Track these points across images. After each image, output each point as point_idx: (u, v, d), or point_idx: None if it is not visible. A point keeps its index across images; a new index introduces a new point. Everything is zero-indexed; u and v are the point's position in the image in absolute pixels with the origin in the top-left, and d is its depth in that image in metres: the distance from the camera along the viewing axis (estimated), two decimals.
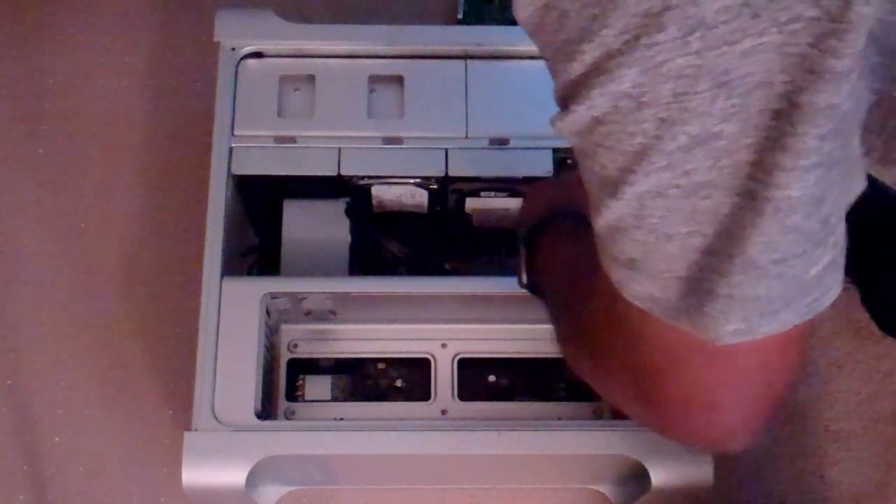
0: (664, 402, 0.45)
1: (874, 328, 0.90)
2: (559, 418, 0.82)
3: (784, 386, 0.45)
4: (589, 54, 0.36)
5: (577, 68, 0.37)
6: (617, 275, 0.43)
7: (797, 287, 0.40)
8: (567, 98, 0.39)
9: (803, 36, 0.33)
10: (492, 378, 0.85)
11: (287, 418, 0.82)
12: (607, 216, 0.41)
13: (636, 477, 0.75)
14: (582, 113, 0.38)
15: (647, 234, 0.40)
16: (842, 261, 0.41)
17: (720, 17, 0.33)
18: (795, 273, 0.39)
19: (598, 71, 0.36)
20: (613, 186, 0.39)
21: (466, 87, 0.81)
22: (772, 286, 0.39)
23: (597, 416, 0.83)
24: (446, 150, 0.80)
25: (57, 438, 0.89)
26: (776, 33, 0.33)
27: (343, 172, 0.80)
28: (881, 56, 0.37)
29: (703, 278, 0.40)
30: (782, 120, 0.35)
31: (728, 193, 0.37)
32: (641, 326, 0.43)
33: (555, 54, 0.38)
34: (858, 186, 0.41)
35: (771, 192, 0.37)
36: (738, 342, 0.40)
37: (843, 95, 0.35)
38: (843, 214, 0.40)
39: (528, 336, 0.84)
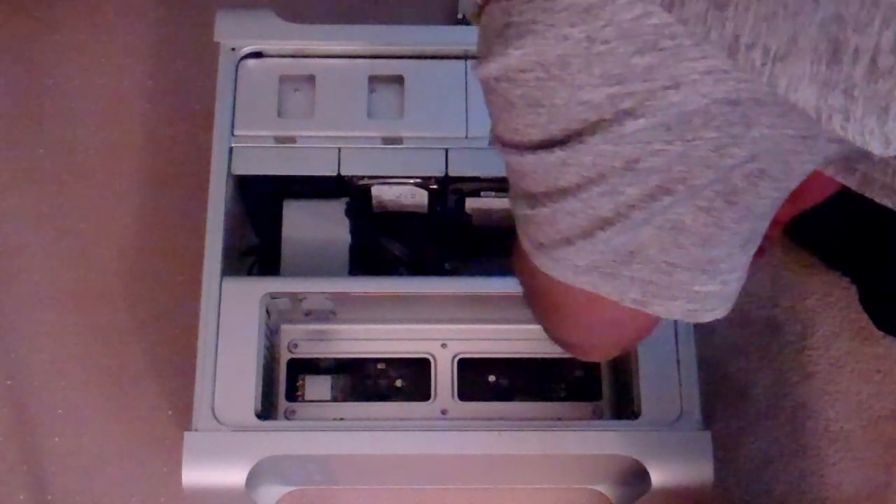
0: (551, 323, 0.61)
1: (874, 328, 0.90)
2: (559, 418, 0.82)
3: (631, 342, 0.62)
4: (535, 137, 0.45)
5: (519, 138, 0.46)
6: (527, 246, 0.52)
7: (683, 291, 0.50)
8: (505, 142, 0.48)
9: (703, 146, 0.43)
10: (492, 378, 0.85)
11: (287, 418, 0.82)
12: (522, 210, 0.50)
13: (636, 477, 0.75)
14: (517, 158, 0.47)
15: (555, 234, 0.49)
16: (729, 298, 0.52)
17: (637, 132, 0.42)
18: (682, 280, 0.49)
19: (538, 146, 0.45)
20: (533, 200, 0.49)
21: (466, 87, 0.81)
22: (662, 278, 0.49)
23: (597, 416, 0.83)
24: (446, 150, 0.80)
25: (57, 438, 0.89)
26: (680, 144, 0.43)
27: (343, 172, 0.80)
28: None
29: (605, 265, 0.49)
30: (674, 195, 0.45)
31: (621, 229, 0.47)
32: (543, 282, 0.54)
33: (498, 121, 0.48)
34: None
35: (666, 220, 0.47)
36: (632, 308, 0.51)
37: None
38: (737, 268, 0.50)
39: (528, 336, 0.84)
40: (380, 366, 0.85)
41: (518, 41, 0.43)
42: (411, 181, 0.81)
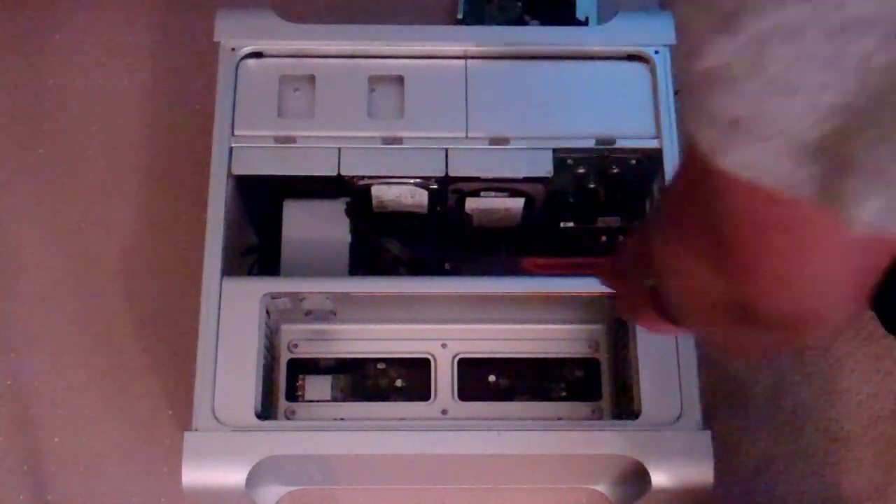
0: (749, 277, 0.39)
1: (874, 328, 0.90)
2: (559, 418, 0.82)
3: (874, 280, 0.39)
4: None
5: None
6: (711, 137, 0.33)
7: None
8: None
9: None
10: (492, 378, 0.85)
11: (287, 418, 0.82)
12: (709, 59, 0.31)
13: (636, 477, 0.75)
14: None
15: (764, 87, 0.31)
16: None
17: None
18: None
19: None
20: (725, 19, 0.30)
21: (466, 87, 0.81)
22: None
23: (597, 416, 0.83)
24: (446, 150, 0.80)
25: (57, 438, 0.89)
26: None
27: (343, 172, 0.80)
28: None
29: (839, 143, 0.31)
30: None
31: (892, 34, 0.29)
32: (731, 199, 0.36)
33: None
34: None
35: None
36: (867, 233, 0.32)
37: None
38: None
39: (528, 336, 0.84)
40: (380, 366, 0.85)
41: None
42: (411, 181, 0.81)
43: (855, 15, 0.28)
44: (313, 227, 0.83)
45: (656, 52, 0.82)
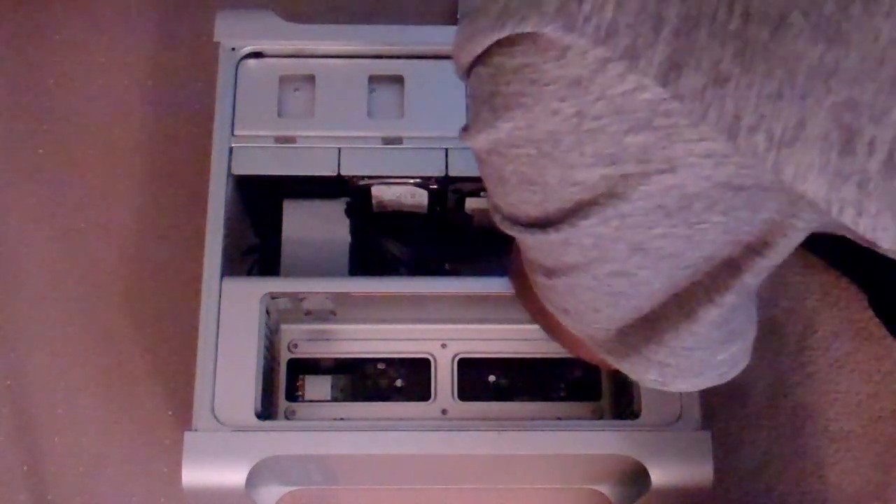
0: (552, 335, 0.64)
1: (874, 328, 0.90)
2: (559, 418, 0.82)
3: None
4: (531, 213, 0.43)
5: (516, 213, 0.44)
6: (551, 310, 0.51)
7: (705, 365, 0.49)
8: (504, 215, 0.46)
9: (711, 230, 0.39)
10: (492, 378, 0.85)
11: (287, 418, 0.82)
12: (539, 278, 0.48)
13: (636, 477, 0.75)
14: (518, 233, 0.45)
15: (578, 302, 0.48)
16: (751, 343, 0.51)
17: (637, 212, 0.39)
18: (703, 357, 0.48)
19: (535, 223, 0.43)
20: (548, 271, 0.46)
21: (466, 87, 0.81)
22: (681, 361, 0.48)
23: (597, 416, 0.83)
24: (446, 150, 0.80)
25: (57, 438, 0.89)
26: (686, 228, 0.40)
27: (343, 172, 0.80)
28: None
29: (630, 334, 0.47)
30: (696, 281, 0.43)
31: (644, 301, 0.45)
32: (560, 329, 0.53)
33: (493, 193, 0.46)
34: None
35: (683, 312, 0.44)
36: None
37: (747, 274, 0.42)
38: (752, 319, 0.50)
39: (528, 336, 0.84)
40: (380, 366, 0.85)
41: (506, 113, 0.40)
42: (411, 181, 0.81)
43: (613, 290, 0.45)
44: (313, 227, 0.83)
45: None
